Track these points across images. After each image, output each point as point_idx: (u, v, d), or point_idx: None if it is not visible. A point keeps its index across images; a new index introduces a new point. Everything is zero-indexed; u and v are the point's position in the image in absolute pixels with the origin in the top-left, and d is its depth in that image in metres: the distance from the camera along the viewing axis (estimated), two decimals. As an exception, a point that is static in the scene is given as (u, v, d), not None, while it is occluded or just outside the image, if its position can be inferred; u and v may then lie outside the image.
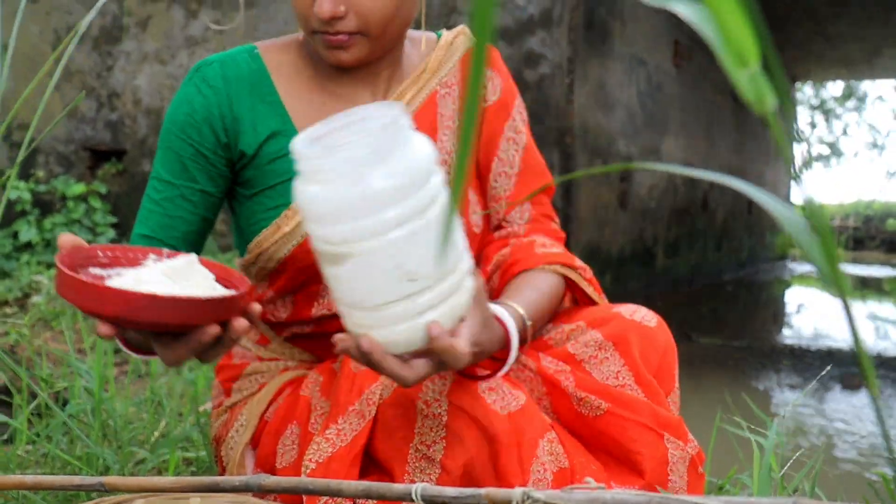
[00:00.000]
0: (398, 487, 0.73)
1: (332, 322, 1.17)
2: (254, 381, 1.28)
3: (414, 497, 0.71)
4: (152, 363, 2.12)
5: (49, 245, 4.58)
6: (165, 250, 0.98)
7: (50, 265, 4.40)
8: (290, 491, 0.81)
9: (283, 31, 4.68)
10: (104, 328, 0.83)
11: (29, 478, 0.89)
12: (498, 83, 1.29)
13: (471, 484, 0.98)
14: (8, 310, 3.74)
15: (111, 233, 4.80)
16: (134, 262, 0.94)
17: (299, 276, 1.19)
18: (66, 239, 0.90)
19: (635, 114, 5.05)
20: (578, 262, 1.23)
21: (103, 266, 0.93)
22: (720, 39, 0.24)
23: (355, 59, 1.15)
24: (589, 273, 1.24)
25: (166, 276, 0.88)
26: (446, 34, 1.30)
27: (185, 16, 5.03)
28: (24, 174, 5.09)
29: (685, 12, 0.25)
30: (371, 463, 1.05)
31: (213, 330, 0.85)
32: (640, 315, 1.19)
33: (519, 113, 1.30)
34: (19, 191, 4.70)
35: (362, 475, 1.04)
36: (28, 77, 4.79)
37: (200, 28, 4.97)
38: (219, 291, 0.90)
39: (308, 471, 1.03)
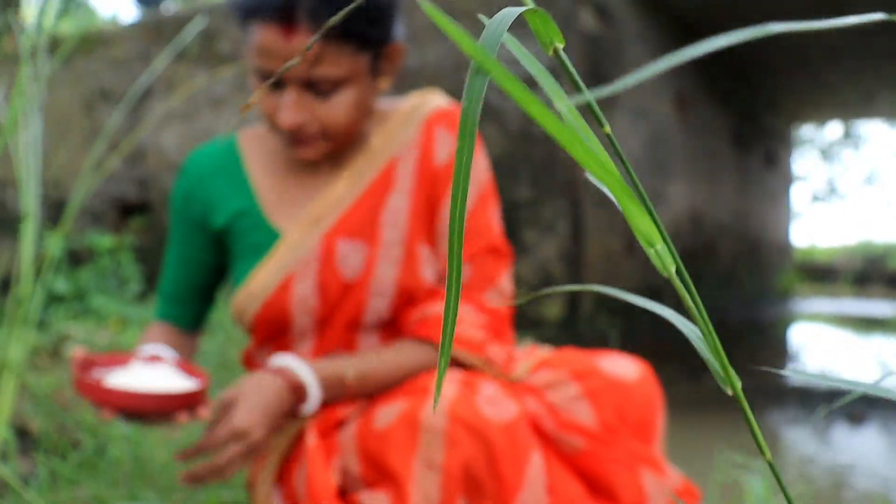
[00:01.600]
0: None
1: None
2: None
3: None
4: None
5: (80, 298, 4.74)
6: (148, 352, 1.28)
7: (78, 315, 4.57)
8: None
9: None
10: (105, 415, 1.09)
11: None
12: (451, 143, 1.34)
13: (471, 486, 1.06)
14: (40, 360, 3.90)
15: (138, 284, 4.97)
16: (123, 363, 1.23)
17: (269, 329, 1.33)
18: (79, 353, 1.19)
19: (640, 162, 5.24)
20: (485, 341, 1.27)
21: (106, 366, 1.22)
22: (634, 228, 0.34)
23: (317, 155, 1.29)
24: (493, 352, 1.27)
25: (146, 375, 1.17)
26: (406, 103, 1.40)
27: (209, 76, 5.26)
28: (55, 228, 5.28)
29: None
30: (379, 474, 1.12)
31: (182, 418, 1.11)
32: (621, 370, 1.24)
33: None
34: (50, 245, 4.87)
35: (373, 486, 1.13)
36: (60, 138, 5.00)
37: (223, 88, 5.19)
38: (184, 384, 1.16)
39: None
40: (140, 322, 4.18)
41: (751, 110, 8.16)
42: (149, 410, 1.09)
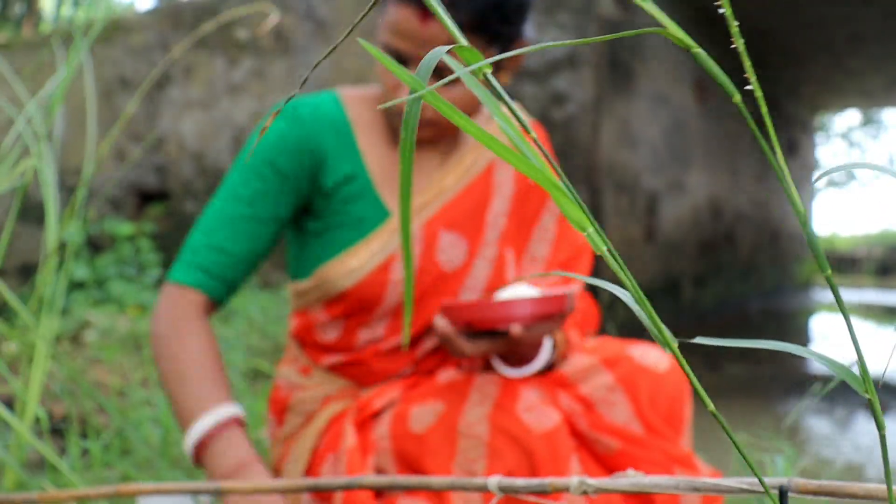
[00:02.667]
0: (477, 481, 0.87)
1: (372, 350, 1.31)
2: (300, 413, 1.34)
3: (490, 488, 0.85)
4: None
5: (100, 284, 4.77)
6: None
7: (98, 302, 4.60)
8: (382, 486, 0.95)
9: (319, 77, 4.89)
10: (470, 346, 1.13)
11: (147, 485, 0.92)
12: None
13: (511, 497, 1.08)
14: (62, 346, 3.93)
15: (157, 271, 4.99)
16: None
17: (356, 305, 1.29)
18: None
19: (659, 150, 5.20)
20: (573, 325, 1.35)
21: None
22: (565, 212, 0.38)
23: (427, 138, 1.30)
24: (580, 332, 1.36)
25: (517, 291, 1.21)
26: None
27: (227, 64, 5.26)
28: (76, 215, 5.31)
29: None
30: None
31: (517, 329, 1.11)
32: (652, 359, 1.24)
33: None
34: (71, 232, 4.91)
35: (410, 490, 1.11)
36: (81, 125, 5.02)
37: (241, 75, 5.20)
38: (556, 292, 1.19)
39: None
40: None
41: (772, 98, 8.09)
42: (547, 314, 1.13)
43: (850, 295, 9.65)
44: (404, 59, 1.21)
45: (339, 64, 4.89)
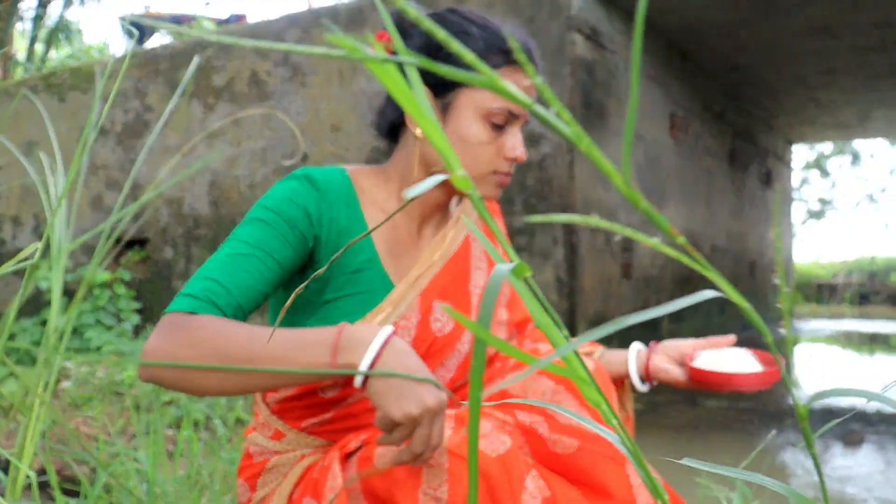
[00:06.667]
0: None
1: (364, 405, 1.33)
2: (277, 474, 1.36)
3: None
4: (193, 445, 2.28)
5: (76, 332, 4.75)
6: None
7: (77, 350, 4.57)
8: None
9: (296, 122, 4.92)
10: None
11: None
12: (502, 227, 1.53)
13: None
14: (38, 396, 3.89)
15: (135, 318, 4.97)
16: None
17: None
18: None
19: (634, 186, 5.24)
20: None
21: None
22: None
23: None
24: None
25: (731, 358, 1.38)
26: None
27: (203, 110, 5.29)
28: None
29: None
30: None
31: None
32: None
33: None
34: (48, 280, 4.90)
35: None
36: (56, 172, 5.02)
37: (218, 121, 5.22)
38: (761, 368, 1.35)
39: None
40: (137, 357, 4.17)
41: (747, 130, 8.19)
42: (743, 387, 1.28)
43: (830, 324, 9.70)
44: (501, 124, 1.30)
45: (316, 109, 4.93)
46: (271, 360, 1.10)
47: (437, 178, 0.34)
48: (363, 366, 1.09)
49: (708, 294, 0.33)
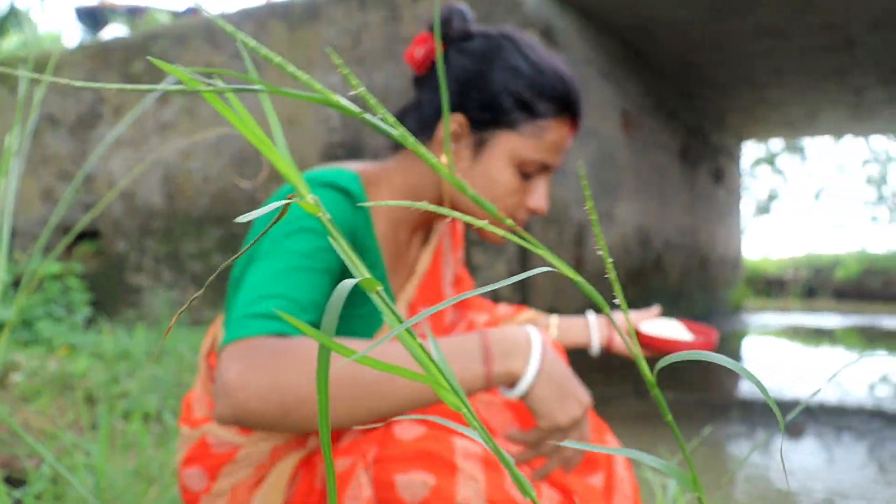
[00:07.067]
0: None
1: None
2: (248, 465, 1.27)
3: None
4: (141, 436, 2.29)
5: (26, 324, 4.69)
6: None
7: (27, 343, 4.52)
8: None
9: (251, 115, 4.91)
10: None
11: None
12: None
13: None
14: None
15: (87, 311, 4.93)
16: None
17: None
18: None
19: (588, 181, 5.31)
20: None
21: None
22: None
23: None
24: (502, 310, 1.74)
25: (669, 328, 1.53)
26: None
27: (158, 102, 5.25)
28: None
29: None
30: None
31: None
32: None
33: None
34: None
35: None
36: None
37: (171, 113, 5.19)
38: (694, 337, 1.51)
39: None
40: (89, 349, 4.15)
41: (698, 128, 8.32)
42: (684, 350, 1.39)
43: (778, 318, 9.90)
44: (531, 173, 1.29)
45: (271, 102, 4.91)
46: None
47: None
48: (530, 373, 1.05)
49: (542, 269, 0.36)
